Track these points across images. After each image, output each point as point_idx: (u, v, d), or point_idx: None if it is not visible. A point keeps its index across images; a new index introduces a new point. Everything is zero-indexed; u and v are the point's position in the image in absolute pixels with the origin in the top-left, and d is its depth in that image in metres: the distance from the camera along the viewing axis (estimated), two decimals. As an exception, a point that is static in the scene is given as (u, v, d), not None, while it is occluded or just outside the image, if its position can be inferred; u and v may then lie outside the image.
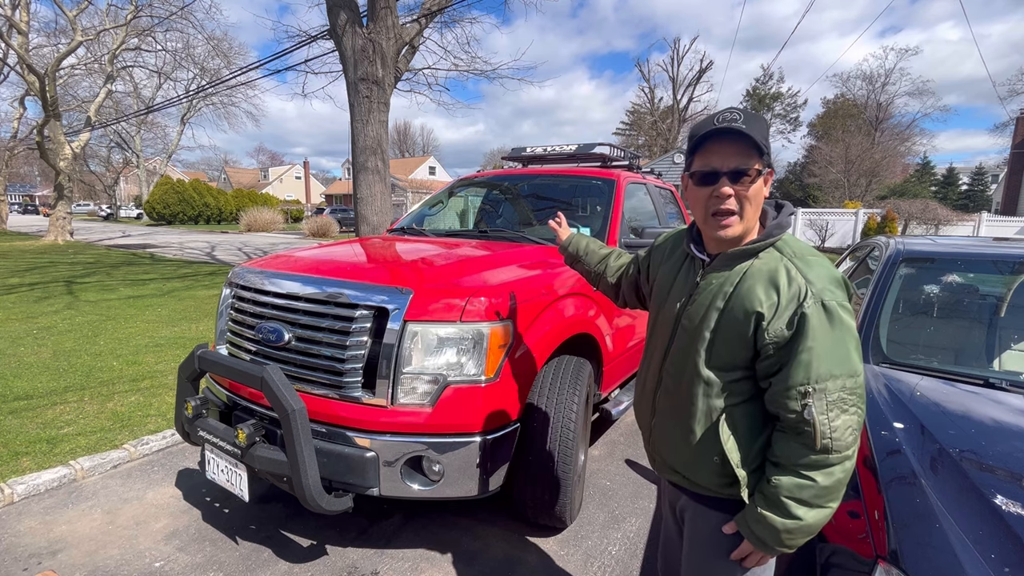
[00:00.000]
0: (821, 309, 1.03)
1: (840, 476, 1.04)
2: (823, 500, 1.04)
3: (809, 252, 1.13)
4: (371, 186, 7.33)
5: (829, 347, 1.02)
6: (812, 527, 1.06)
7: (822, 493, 1.04)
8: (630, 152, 4.62)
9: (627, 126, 48.23)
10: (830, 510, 1.06)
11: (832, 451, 1.02)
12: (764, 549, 1.11)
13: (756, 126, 1.06)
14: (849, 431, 1.03)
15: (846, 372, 1.02)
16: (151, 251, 15.82)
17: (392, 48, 7.26)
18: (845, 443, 1.02)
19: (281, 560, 2.25)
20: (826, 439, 1.02)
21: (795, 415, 1.04)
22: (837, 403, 1.02)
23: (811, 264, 1.09)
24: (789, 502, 1.04)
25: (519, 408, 2.21)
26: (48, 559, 2.23)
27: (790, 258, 1.10)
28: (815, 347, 1.02)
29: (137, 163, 40.58)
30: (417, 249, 2.91)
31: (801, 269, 1.07)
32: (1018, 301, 2.28)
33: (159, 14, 19.07)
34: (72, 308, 6.90)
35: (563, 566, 2.26)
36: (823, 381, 1.01)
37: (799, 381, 1.03)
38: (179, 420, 2.36)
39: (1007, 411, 1.70)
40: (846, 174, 32.05)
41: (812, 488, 1.03)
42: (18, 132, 23.51)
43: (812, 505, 1.04)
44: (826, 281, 1.06)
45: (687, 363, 1.18)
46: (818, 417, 1.01)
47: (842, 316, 1.03)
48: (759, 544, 1.11)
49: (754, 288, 1.08)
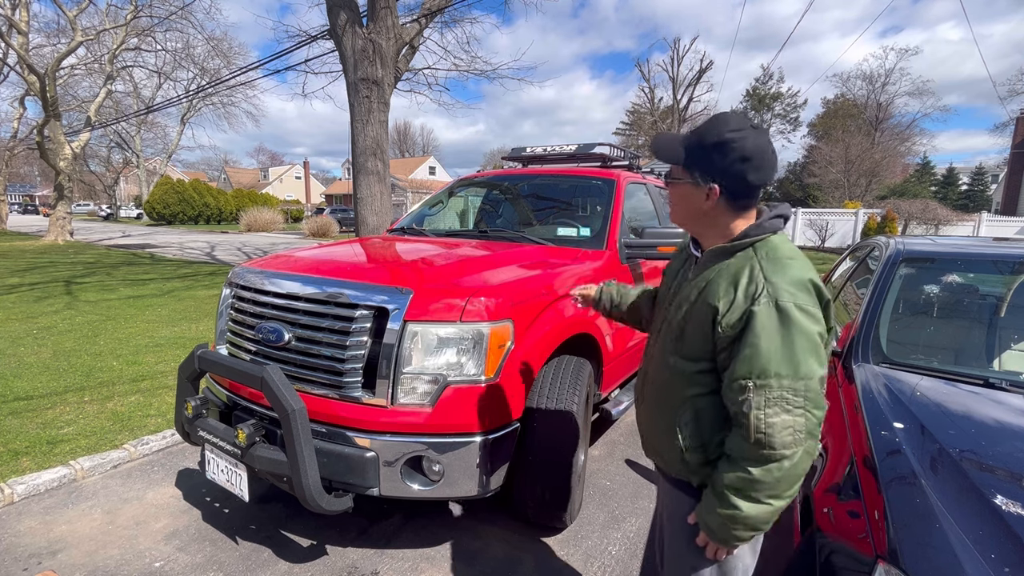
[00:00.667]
0: (773, 308, 1.05)
1: (777, 474, 1.05)
2: (760, 494, 1.07)
3: (787, 255, 1.13)
4: (371, 186, 7.33)
5: (776, 346, 1.04)
6: (751, 520, 1.08)
7: (759, 487, 1.06)
8: (630, 152, 4.62)
9: (627, 126, 48.25)
10: (770, 507, 1.07)
11: (766, 447, 1.04)
12: (713, 538, 1.16)
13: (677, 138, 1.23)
14: (788, 431, 1.03)
15: (792, 373, 1.03)
16: (151, 251, 15.82)
17: (392, 48, 7.26)
18: (781, 441, 1.03)
19: (281, 560, 2.25)
20: (760, 433, 1.04)
21: (735, 408, 1.08)
22: (778, 401, 1.03)
23: (780, 266, 1.10)
24: (728, 493, 1.09)
25: (519, 408, 2.21)
26: (48, 559, 2.23)
27: (761, 259, 1.12)
28: (760, 344, 1.04)
29: (137, 163, 40.58)
30: (417, 249, 2.92)
31: (765, 269, 1.10)
32: (1018, 301, 2.28)
33: (159, 14, 19.09)
34: (72, 308, 6.90)
35: (563, 566, 2.26)
36: (765, 378, 1.03)
37: (741, 375, 1.06)
38: (179, 420, 2.36)
39: (1007, 411, 1.70)
40: (846, 174, 32.05)
41: (747, 480, 1.07)
42: (18, 132, 23.52)
43: (750, 498, 1.07)
44: (788, 283, 1.07)
45: (662, 352, 1.28)
46: (754, 411, 1.04)
47: (796, 317, 1.04)
48: (709, 533, 1.16)
49: (718, 284, 1.14)
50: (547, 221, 3.63)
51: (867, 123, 39.81)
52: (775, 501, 1.07)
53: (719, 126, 1.14)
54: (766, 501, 1.07)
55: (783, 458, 1.04)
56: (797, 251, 1.16)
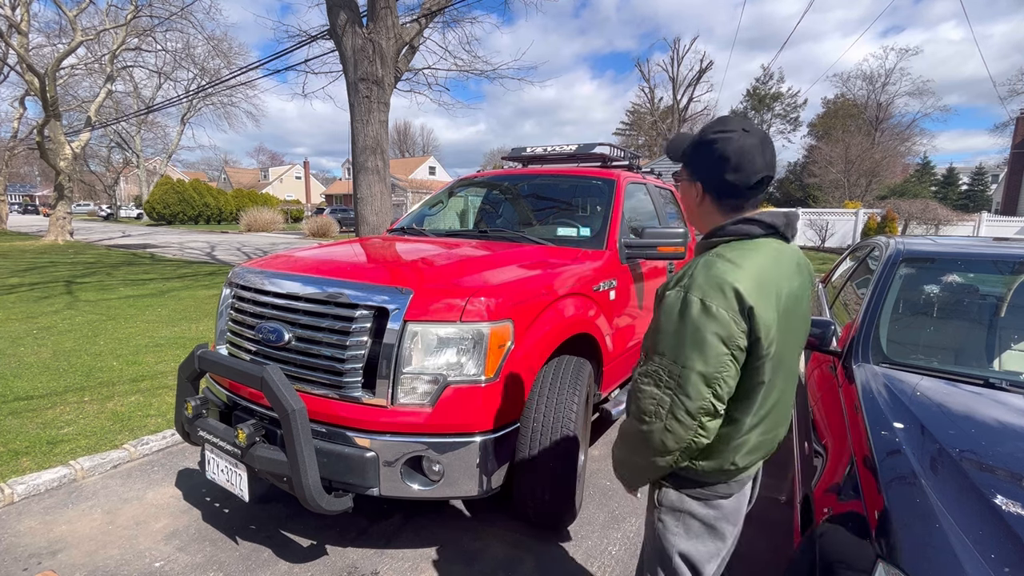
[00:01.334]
0: (680, 298, 1.12)
1: (634, 433, 1.18)
2: (624, 443, 1.24)
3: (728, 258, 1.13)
4: (371, 186, 7.33)
5: (669, 330, 1.12)
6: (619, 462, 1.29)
7: (624, 437, 1.23)
8: (630, 152, 4.62)
9: (627, 126, 48.26)
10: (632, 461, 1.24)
11: (632, 406, 1.18)
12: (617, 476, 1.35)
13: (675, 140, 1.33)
14: (651, 401, 1.13)
15: (672, 357, 1.10)
16: (151, 251, 15.82)
17: (392, 48, 7.26)
18: (642, 408, 1.14)
19: (281, 560, 2.25)
20: (632, 393, 1.18)
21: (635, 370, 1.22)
22: (654, 374, 1.13)
23: (714, 265, 1.12)
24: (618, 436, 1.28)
25: (519, 408, 2.21)
26: (48, 559, 2.23)
27: (709, 255, 1.17)
28: (659, 324, 1.15)
29: (137, 163, 40.59)
30: (417, 249, 2.92)
31: (700, 265, 1.15)
32: (1018, 301, 2.28)
33: (159, 14, 19.09)
34: (72, 308, 6.90)
35: (563, 566, 2.26)
36: (653, 353, 1.15)
37: (643, 344, 1.22)
38: (179, 420, 2.36)
39: (1007, 411, 1.70)
40: (846, 174, 32.04)
41: (622, 428, 1.24)
42: (18, 132, 23.52)
43: (620, 444, 1.26)
44: (706, 280, 1.09)
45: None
46: (637, 374, 1.18)
47: (693, 311, 1.08)
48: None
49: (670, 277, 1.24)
50: (547, 221, 3.63)
51: (867, 123, 39.81)
52: (634, 455, 1.22)
53: (710, 127, 1.23)
54: (626, 452, 1.25)
55: (641, 421, 1.15)
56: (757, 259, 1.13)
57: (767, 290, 1.11)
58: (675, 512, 1.27)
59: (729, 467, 1.20)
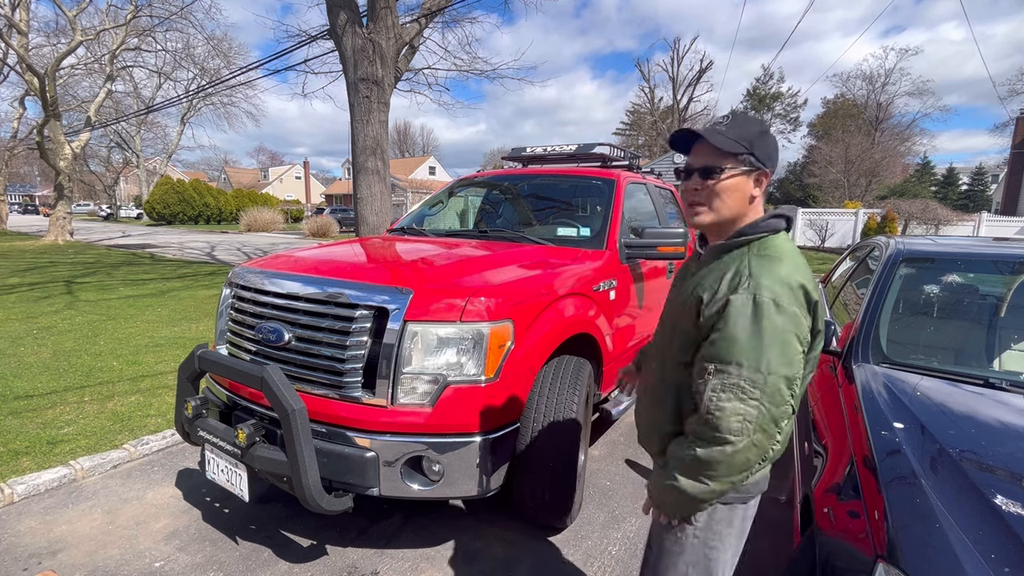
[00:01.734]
0: (749, 300, 1.06)
1: (717, 457, 1.06)
2: (697, 473, 1.09)
3: (783, 254, 1.13)
4: (371, 186, 7.33)
5: (744, 336, 1.05)
6: (687, 495, 1.11)
7: (697, 465, 1.09)
8: (630, 152, 4.62)
9: (627, 126, 48.24)
10: (705, 486, 1.09)
11: (713, 428, 1.05)
12: (658, 507, 1.22)
13: (732, 130, 1.16)
14: (737, 418, 1.04)
15: (753, 364, 1.04)
16: (151, 251, 15.82)
17: (392, 48, 7.26)
18: (728, 427, 1.04)
19: (281, 560, 2.25)
20: (709, 414, 1.06)
21: (697, 388, 1.11)
22: (733, 388, 1.04)
23: (768, 263, 1.10)
24: (672, 464, 1.15)
25: (519, 408, 2.21)
26: (48, 559, 2.23)
27: (753, 255, 1.13)
28: (728, 332, 1.06)
29: (137, 163, 40.59)
30: (417, 249, 2.92)
31: (752, 265, 1.10)
32: (1018, 301, 2.28)
33: (159, 14, 19.08)
34: (72, 308, 6.90)
35: (563, 566, 2.26)
36: (726, 364, 1.06)
37: (707, 358, 1.10)
38: (179, 420, 2.36)
39: (1007, 411, 1.70)
40: (846, 174, 32.04)
41: (689, 458, 1.10)
42: (18, 132, 23.50)
43: (687, 475, 1.11)
44: (771, 280, 1.07)
45: (661, 346, 1.32)
46: (708, 392, 1.07)
47: (770, 313, 1.05)
48: (651, 498, 1.23)
49: (709, 277, 1.16)
50: (547, 221, 3.63)
51: (867, 123, 39.80)
52: (711, 482, 1.09)
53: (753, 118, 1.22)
54: (702, 480, 1.09)
55: (726, 443, 1.05)
56: (795, 252, 1.16)
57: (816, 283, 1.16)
58: (719, 525, 1.23)
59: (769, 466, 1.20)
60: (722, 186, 1.17)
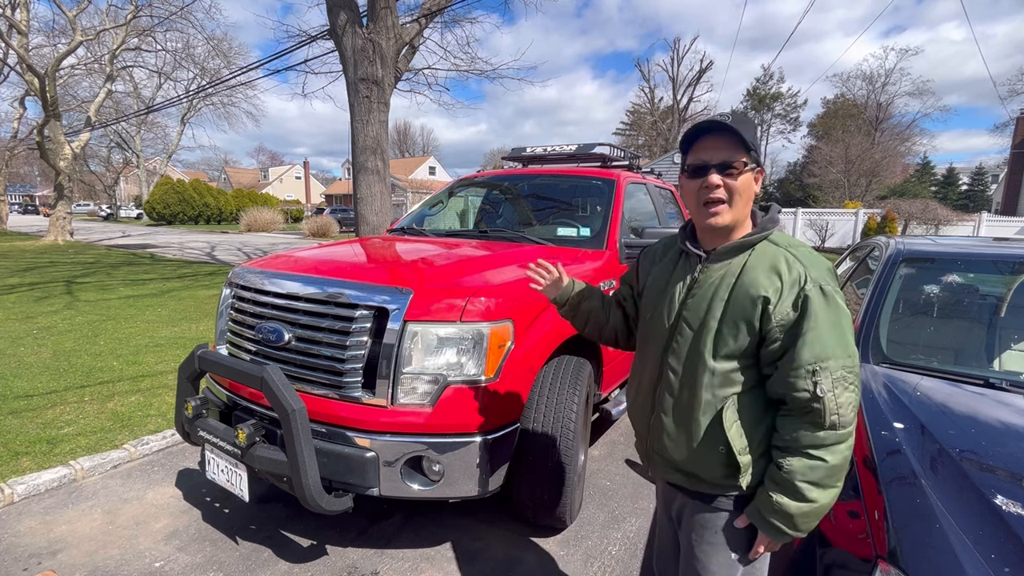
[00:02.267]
0: (820, 293, 1.09)
1: (845, 454, 1.09)
2: (833, 480, 1.08)
3: (801, 244, 1.21)
4: (371, 186, 7.34)
5: (830, 328, 1.08)
6: (824, 508, 1.09)
7: (831, 472, 1.07)
8: (630, 152, 4.62)
9: (627, 126, 48.26)
10: (837, 489, 1.10)
11: (840, 427, 1.07)
12: (779, 536, 1.13)
13: (742, 125, 1.14)
14: (851, 407, 1.07)
15: (845, 352, 1.08)
16: (151, 251, 15.82)
17: (392, 48, 7.26)
18: (848, 419, 1.07)
19: (281, 560, 2.25)
20: (834, 415, 1.06)
21: (806, 394, 1.07)
22: (840, 381, 1.06)
23: (806, 254, 1.16)
24: (803, 485, 1.07)
25: (519, 408, 2.21)
26: (48, 559, 2.23)
27: (786, 248, 1.17)
28: (819, 328, 1.07)
29: (137, 163, 40.58)
30: (417, 249, 2.92)
31: (799, 257, 1.14)
32: (1018, 301, 2.27)
33: (159, 14, 19.08)
34: (72, 308, 6.90)
35: (563, 566, 2.26)
36: (827, 360, 1.06)
37: (807, 360, 1.07)
38: (179, 420, 2.36)
39: (1007, 411, 1.70)
40: (846, 174, 32.05)
41: (822, 468, 1.07)
42: (18, 132, 23.50)
43: (823, 486, 1.08)
44: (821, 270, 1.13)
45: (692, 355, 1.20)
46: (828, 394, 1.05)
47: (838, 301, 1.10)
48: (774, 532, 1.12)
49: (758, 276, 1.13)
50: (547, 221, 3.63)
51: (867, 123, 39.82)
52: (841, 483, 1.10)
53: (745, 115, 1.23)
54: (836, 485, 1.09)
55: (849, 436, 1.08)
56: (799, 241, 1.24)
57: None
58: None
59: None
60: (743, 182, 1.15)
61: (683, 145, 1.25)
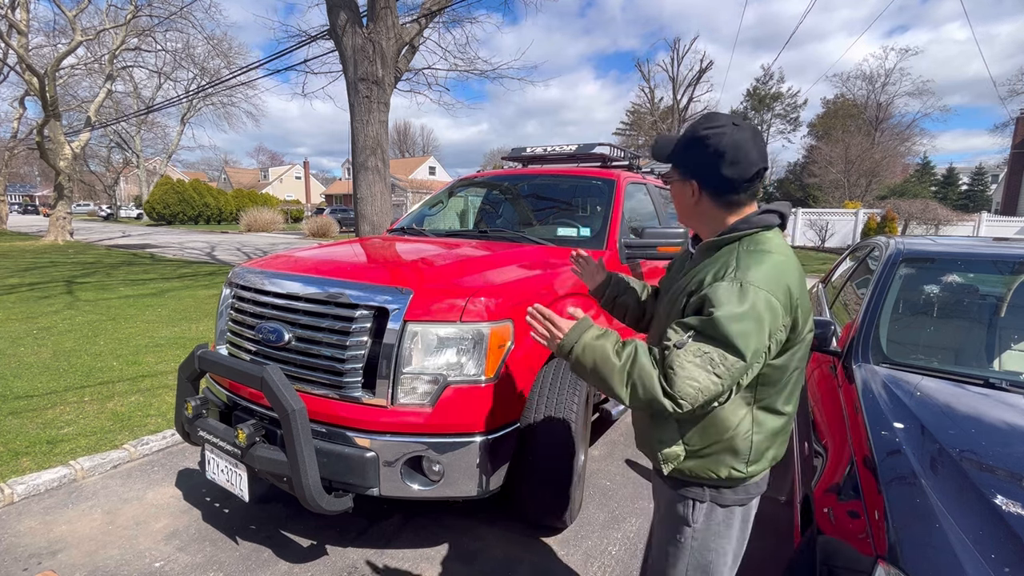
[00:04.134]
0: (736, 286, 1.06)
1: (642, 397, 1.07)
2: (626, 379, 1.09)
3: (773, 250, 1.14)
4: (371, 185, 7.34)
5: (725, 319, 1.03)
6: (597, 355, 1.12)
7: (632, 380, 1.08)
8: (630, 152, 4.62)
9: (627, 126, 48.24)
10: (608, 377, 1.10)
11: (668, 382, 1.05)
12: (551, 342, 1.22)
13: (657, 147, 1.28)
14: (693, 383, 1.03)
15: (729, 346, 1.03)
16: (151, 251, 15.82)
17: (392, 48, 7.26)
18: (683, 390, 1.04)
19: (281, 560, 2.25)
20: (670, 368, 1.05)
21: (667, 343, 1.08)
22: (704, 358, 1.04)
23: (756, 259, 1.11)
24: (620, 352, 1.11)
25: (519, 408, 2.21)
26: (48, 559, 2.23)
27: (742, 250, 1.14)
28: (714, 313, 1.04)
29: (137, 163, 40.58)
30: (417, 249, 2.92)
31: (741, 258, 1.11)
32: (1018, 301, 2.27)
33: (159, 14, 19.09)
34: (72, 308, 6.90)
35: (563, 566, 2.26)
36: (705, 340, 1.05)
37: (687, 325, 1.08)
38: (179, 420, 2.36)
39: (1007, 411, 1.70)
40: (846, 174, 32.04)
41: (636, 370, 1.08)
42: (18, 132, 23.50)
43: (618, 363, 1.10)
44: (760, 274, 1.08)
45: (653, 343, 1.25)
46: (679, 351, 1.05)
47: (756, 302, 1.04)
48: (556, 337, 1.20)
49: (704, 276, 1.14)
50: (547, 221, 3.63)
51: (867, 123, 39.81)
52: (612, 382, 1.10)
53: (698, 124, 1.19)
54: (618, 379, 1.10)
55: (674, 402, 1.05)
56: (786, 249, 1.17)
57: (804, 281, 1.17)
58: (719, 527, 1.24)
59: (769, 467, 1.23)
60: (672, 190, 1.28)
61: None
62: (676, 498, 1.26)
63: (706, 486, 1.21)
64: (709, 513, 1.22)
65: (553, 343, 1.20)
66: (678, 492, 1.25)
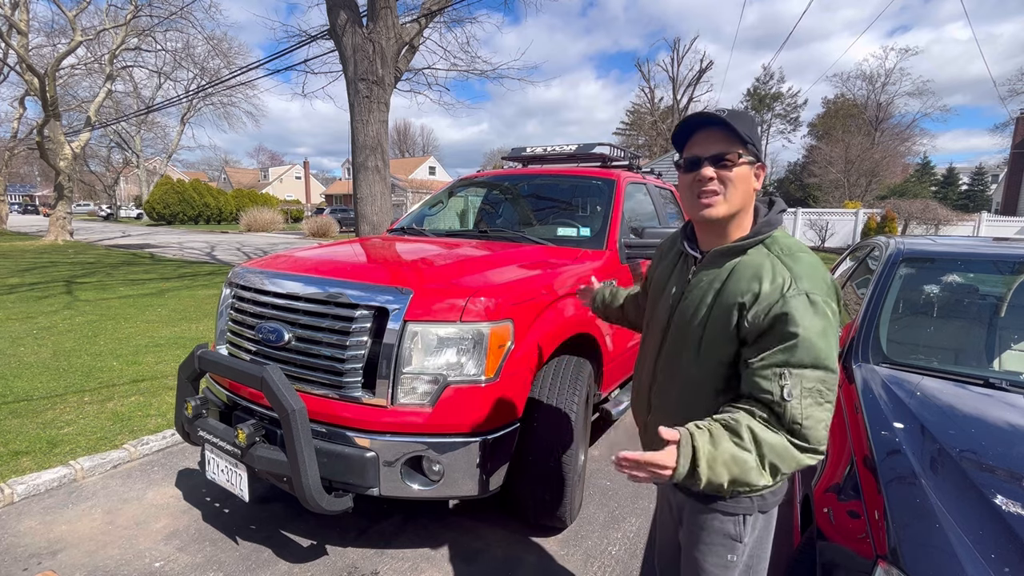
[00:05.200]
0: (806, 300, 1.03)
1: (792, 465, 1.01)
2: (780, 467, 1.01)
3: (799, 249, 1.14)
4: (371, 185, 7.34)
5: (812, 338, 1.01)
6: (752, 475, 1.00)
7: (784, 460, 1.01)
8: (630, 152, 4.62)
9: (627, 126, 48.24)
10: (772, 481, 1.02)
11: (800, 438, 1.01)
12: (692, 474, 0.98)
13: (737, 119, 1.12)
14: (823, 425, 1.01)
15: (825, 366, 1.01)
16: (151, 251, 15.82)
17: (392, 48, 7.26)
18: (818, 437, 1.01)
19: (281, 560, 2.25)
20: (796, 423, 1.00)
21: (768, 396, 1.02)
22: (813, 392, 1.00)
23: (799, 260, 1.10)
24: (756, 443, 1.00)
25: (519, 408, 2.21)
26: (48, 559, 2.23)
27: (777, 254, 1.12)
28: (799, 334, 1.01)
29: (137, 163, 40.57)
30: (417, 249, 2.92)
31: (787, 264, 1.09)
32: (1018, 301, 2.28)
33: (159, 14, 19.08)
34: (72, 308, 6.90)
35: (563, 566, 2.26)
36: (802, 368, 1.00)
37: (778, 363, 1.02)
38: (179, 420, 2.36)
39: (1007, 411, 1.70)
40: (846, 174, 32.06)
41: (783, 448, 1.00)
42: (18, 132, 23.50)
43: (772, 460, 1.00)
44: (812, 279, 1.07)
45: (679, 359, 1.21)
46: (792, 400, 1.00)
47: (827, 313, 1.04)
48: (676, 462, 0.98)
49: (739, 282, 1.11)
50: (547, 221, 3.63)
51: (867, 123, 39.82)
52: (775, 477, 1.02)
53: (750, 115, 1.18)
54: (777, 469, 1.01)
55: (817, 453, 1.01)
56: (805, 246, 1.17)
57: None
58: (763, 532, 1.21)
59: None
60: (737, 174, 1.12)
61: (678, 142, 1.23)
62: (719, 518, 1.18)
63: (753, 496, 1.15)
64: (754, 523, 1.18)
65: (662, 479, 0.98)
66: (722, 510, 1.17)
